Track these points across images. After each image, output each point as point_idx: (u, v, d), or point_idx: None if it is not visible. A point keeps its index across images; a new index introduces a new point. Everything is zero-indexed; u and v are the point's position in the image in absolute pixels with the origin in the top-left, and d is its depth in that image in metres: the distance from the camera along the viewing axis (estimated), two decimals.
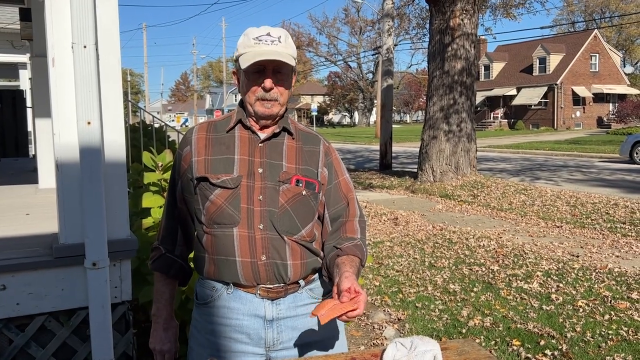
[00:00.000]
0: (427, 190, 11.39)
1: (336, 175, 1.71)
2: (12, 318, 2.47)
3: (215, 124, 1.68)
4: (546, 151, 22.14)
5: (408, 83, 62.69)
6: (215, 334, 1.63)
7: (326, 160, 1.69)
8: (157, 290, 1.75)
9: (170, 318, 1.75)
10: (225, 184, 1.58)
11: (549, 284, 5.11)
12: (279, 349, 1.63)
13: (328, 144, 1.74)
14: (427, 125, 12.27)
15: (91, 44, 2.37)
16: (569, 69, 40.86)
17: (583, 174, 14.46)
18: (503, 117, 45.01)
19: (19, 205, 4.19)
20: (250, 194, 1.58)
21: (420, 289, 5.09)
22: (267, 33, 1.57)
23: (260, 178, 1.59)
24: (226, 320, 1.62)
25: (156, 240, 1.77)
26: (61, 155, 2.50)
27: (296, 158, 1.64)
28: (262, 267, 1.57)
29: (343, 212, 1.71)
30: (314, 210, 1.65)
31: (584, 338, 3.84)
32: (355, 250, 1.64)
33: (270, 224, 1.57)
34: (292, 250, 1.59)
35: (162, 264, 1.73)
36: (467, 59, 11.84)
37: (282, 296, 1.61)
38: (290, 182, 1.60)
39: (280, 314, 1.62)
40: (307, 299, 1.65)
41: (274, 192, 1.59)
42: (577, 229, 7.64)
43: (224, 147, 1.62)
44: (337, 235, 1.69)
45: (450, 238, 7.13)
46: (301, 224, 1.61)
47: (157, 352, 1.73)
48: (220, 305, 1.63)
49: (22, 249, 2.70)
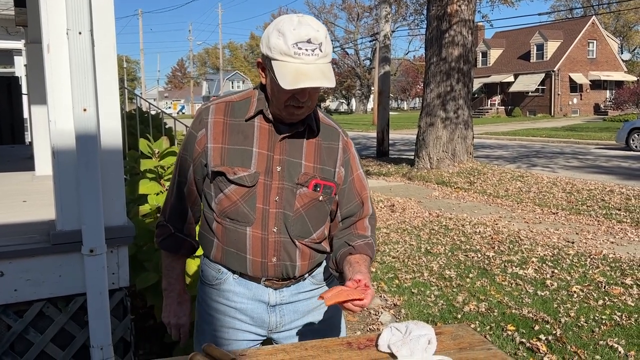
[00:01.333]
0: (424, 177, 11.41)
1: (351, 172, 1.66)
2: (10, 304, 2.48)
3: (233, 106, 1.57)
4: (543, 138, 22.16)
5: (405, 70, 62.50)
6: (219, 312, 1.67)
7: (344, 158, 1.63)
8: (167, 265, 1.72)
9: (183, 292, 1.74)
10: (242, 182, 1.53)
11: (544, 270, 5.15)
12: (281, 330, 1.68)
13: (347, 138, 1.67)
14: (424, 112, 12.26)
15: (86, 30, 2.36)
16: (566, 56, 40.78)
17: (579, 161, 14.50)
18: (500, 104, 44.98)
19: (16, 192, 4.19)
20: (267, 194, 1.54)
21: (416, 275, 5.13)
22: (308, 39, 1.38)
23: (278, 177, 1.54)
24: (231, 302, 1.65)
25: (162, 216, 1.71)
26: (57, 142, 2.50)
27: (314, 156, 1.58)
28: (271, 267, 1.59)
29: (356, 211, 1.68)
30: (328, 214, 1.64)
31: (577, 323, 3.88)
32: (367, 249, 1.63)
33: (284, 228, 1.56)
34: (302, 253, 1.60)
35: (171, 243, 1.69)
36: (464, 46, 11.80)
37: (285, 286, 1.65)
38: (309, 187, 1.56)
39: (284, 300, 1.65)
40: (309, 285, 1.68)
41: (290, 195, 1.55)
42: (573, 215, 7.69)
43: (241, 136, 1.54)
44: (348, 231, 1.68)
45: (446, 225, 7.16)
46: (313, 228, 1.60)
47: (173, 326, 1.73)
48: (225, 288, 1.65)
49: (20, 235, 2.70)
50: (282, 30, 1.39)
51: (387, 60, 17.41)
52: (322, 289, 1.70)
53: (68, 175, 2.49)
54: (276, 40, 1.40)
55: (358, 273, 1.52)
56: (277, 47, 1.39)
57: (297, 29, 1.38)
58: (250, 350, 1.52)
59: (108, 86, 2.58)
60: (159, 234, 1.70)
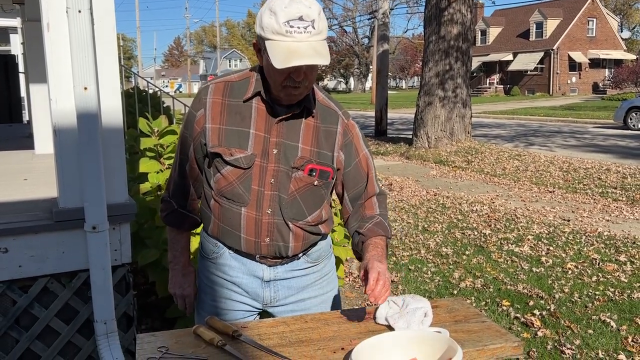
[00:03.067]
0: (422, 156, 11.44)
1: (356, 153, 1.65)
2: (15, 280, 2.53)
3: (232, 86, 1.58)
4: (541, 117, 22.15)
5: (404, 48, 62.05)
6: (217, 284, 1.72)
7: (344, 141, 1.62)
8: (172, 239, 1.76)
9: (187, 264, 1.78)
10: (238, 163, 1.54)
11: (540, 247, 5.22)
12: (275, 305, 1.72)
13: (347, 120, 1.64)
14: (423, 91, 12.23)
15: (86, 8, 2.36)
16: (565, 34, 40.50)
17: (577, 140, 14.53)
18: (499, 82, 44.78)
19: (17, 171, 4.21)
20: (263, 176, 1.55)
21: (414, 252, 5.19)
22: (300, 17, 1.36)
23: (274, 160, 1.55)
24: (227, 276, 1.70)
25: (166, 192, 1.75)
26: (58, 121, 2.52)
27: (312, 139, 1.57)
28: (264, 246, 1.62)
29: (363, 192, 1.68)
30: (324, 198, 1.66)
31: (571, 298, 3.96)
32: (376, 229, 1.63)
33: (278, 210, 1.58)
34: (295, 235, 1.63)
35: (175, 219, 1.73)
36: (463, 24, 11.73)
37: (279, 264, 1.68)
38: (304, 171, 1.56)
39: (278, 276, 1.69)
40: (303, 264, 1.71)
41: (285, 178, 1.56)
42: (569, 194, 7.74)
43: (239, 117, 1.55)
44: (357, 216, 1.69)
45: (443, 203, 7.22)
46: (308, 211, 1.62)
47: (178, 297, 1.79)
48: (222, 262, 1.70)
49: (22, 213, 2.74)
50: (273, 8, 1.38)
51: (386, 38, 17.29)
52: (317, 267, 1.74)
53: (70, 154, 2.52)
54: (268, 19, 1.39)
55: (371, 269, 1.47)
56: (270, 26, 1.38)
57: (289, 6, 1.37)
58: (252, 322, 1.57)
59: (108, 65, 2.59)
60: (163, 209, 1.75)
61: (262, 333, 1.48)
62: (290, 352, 1.37)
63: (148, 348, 1.40)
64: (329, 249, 1.80)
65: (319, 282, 1.75)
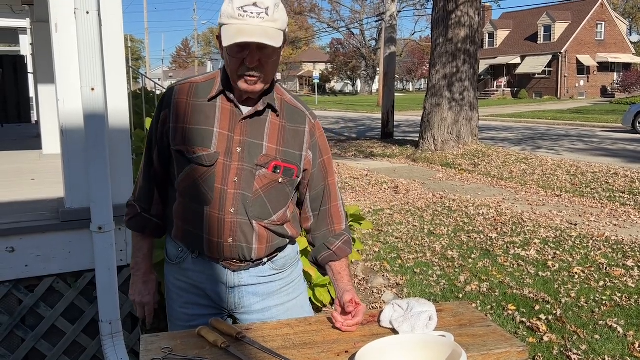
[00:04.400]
0: (429, 159, 11.42)
1: (320, 155, 1.66)
2: (21, 279, 2.54)
3: (197, 87, 1.58)
4: (548, 120, 22.05)
5: (411, 51, 61.98)
6: (182, 290, 1.71)
7: (311, 142, 1.63)
8: (135, 245, 1.75)
9: (149, 271, 1.76)
10: (201, 161, 1.53)
11: (546, 251, 5.19)
12: (241, 312, 1.70)
13: (314, 121, 1.65)
14: (430, 93, 12.21)
15: (94, 9, 2.38)
16: (574, 37, 40.33)
17: (585, 144, 14.46)
18: (506, 85, 44.65)
19: (24, 171, 4.24)
20: (226, 175, 1.54)
21: (419, 255, 5.18)
22: (254, 3, 1.42)
23: (238, 158, 1.54)
24: (191, 280, 1.68)
25: (132, 196, 1.74)
26: (66, 121, 2.53)
27: (278, 138, 1.57)
28: (227, 248, 1.59)
29: (323, 196, 1.69)
30: (289, 196, 1.64)
31: (578, 303, 3.93)
32: (346, 249, 1.70)
33: (242, 209, 1.56)
34: (259, 235, 1.60)
35: (137, 223, 1.71)
36: (471, 27, 11.71)
37: (243, 269, 1.65)
38: (268, 168, 1.55)
39: (242, 282, 1.66)
40: (268, 270, 1.68)
41: (249, 176, 1.55)
42: (577, 197, 7.70)
43: (203, 116, 1.55)
44: (324, 225, 1.70)
45: (449, 206, 7.20)
46: (273, 209, 1.60)
47: (137, 304, 1.77)
48: (186, 267, 1.68)
49: (29, 212, 2.76)
50: None
51: (393, 40, 17.28)
52: (282, 274, 1.71)
53: (76, 154, 2.53)
54: (226, 6, 1.45)
55: (345, 292, 1.60)
56: (226, 12, 1.44)
57: None
58: (255, 324, 1.57)
59: (115, 66, 2.61)
60: (127, 213, 1.74)
61: (265, 335, 1.48)
62: (294, 355, 1.37)
63: (152, 349, 1.40)
64: (296, 256, 1.78)
65: (285, 290, 1.72)
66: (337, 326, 1.51)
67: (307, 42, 68.10)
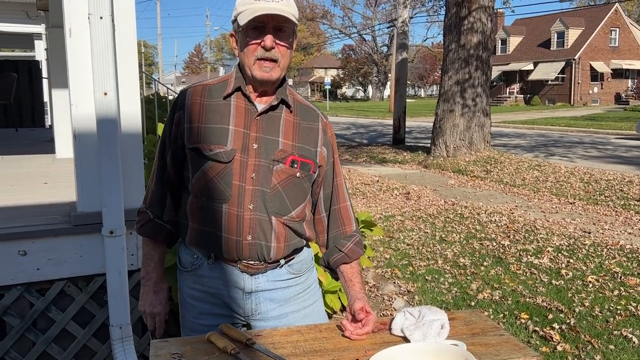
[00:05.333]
0: (440, 165, 11.36)
1: (332, 154, 1.69)
2: (32, 282, 2.55)
3: (210, 88, 1.60)
4: (562, 127, 21.89)
5: (423, 57, 61.89)
6: (196, 299, 1.68)
7: (325, 139, 1.65)
8: (146, 253, 1.71)
9: (160, 281, 1.72)
10: (218, 157, 1.53)
11: (560, 259, 5.13)
12: (257, 319, 1.68)
13: (326, 120, 1.68)
14: (442, 99, 12.17)
15: (107, 14, 2.39)
16: (587, 44, 40.06)
17: (598, 151, 14.32)
18: (519, 92, 44.41)
19: (37, 175, 4.27)
20: (243, 171, 1.54)
21: (431, 262, 5.14)
22: None
23: (254, 154, 1.54)
24: (206, 288, 1.66)
25: (143, 203, 1.72)
26: (79, 125, 2.54)
27: (293, 134, 1.59)
28: (246, 246, 1.57)
29: (333, 196, 1.71)
30: (307, 192, 1.64)
31: (592, 313, 3.88)
32: (357, 250, 1.71)
33: (262, 204, 1.56)
34: (278, 233, 1.59)
35: (150, 229, 1.68)
36: (483, 33, 11.67)
37: (261, 272, 1.63)
38: (285, 163, 1.56)
39: (259, 287, 1.64)
40: (285, 274, 1.67)
41: (267, 171, 1.55)
42: (590, 205, 7.62)
43: (218, 115, 1.56)
44: (335, 227, 1.71)
45: (461, 213, 7.15)
46: (292, 205, 1.60)
47: (148, 315, 1.72)
48: (201, 274, 1.65)
49: (42, 216, 2.77)
50: None
51: (405, 46, 17.27)
52: (299, 279, 1.71)
53: (89, 158, 2.54)
54: None
55: (356, 300, 1.59)
56: (240, 2, 1.50)
57: None
58: (265, 331, 1.56)
59: (128, 71, 2.62)
60: (138, 220, 1.71)
61: (275, 342, 1.46)
62: None
63: (162, 354, 1.39)
64: (311, 261, 1.77)
65: (302, 295, 1.71)
66: (346, 335, 1.50)
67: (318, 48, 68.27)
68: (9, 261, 2.49)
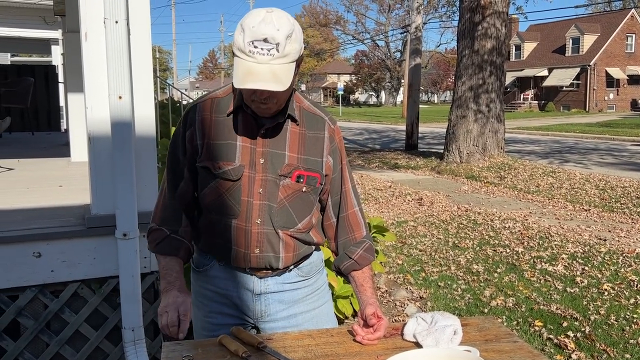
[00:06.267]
0: (453, 171, 11.31)
1: (340, 160, 1.67)
2: (47, 284, 2.57)
3: (219, 102, 1.58)
4: (577, 134, 21.68)
5: (436, 62, 61.76)
6: (207, 298, 1.70)
7: (331, 147, 1.63)
8: (165, 266, 1.60)
9: (183, 289, 1.61)
10: (227, 176, 1.54)
11: (574, 266, 5.07)
12: (266, 320, 1.69)
13: (333, 126, 1.65)
14: (455, 105, 12.13)
15: (122, 19, 2.41)
16: (603, 50, 39.71)
17: (614, 158, 14.15)
18: (533, 98, 44.11)
19: (53, 178, 4.32)
20: (251, 187, 1.55)
21: (443, 268, 5.11)
22: (264, 38, 1.36)
23: (261, 169, 1.55)
24: (217, 288, 1.68)
25: (152, 221, 1.64)
26: (93, 129, 2.57)
27: (299, 146, 1.58)
28: (254, 258, 1.60)
29: (341, 203, 1.70)
30: (314, 204, 1.65)
31: (607, 321, 3.82)
32: (368, 257, 1.69)
33: (268, 219, 1.57)
34: (286, 244, 1.61)
35: (168, 246, 1.60)
36: (497, 38, 11.61)
37: (270, 276, 1.65)
38: (292, 178, 1.56)
39: (268, 289, 1.66)
40: (294, 277, 1.69)
41: (274, 186, 1.56)
42: (606, 212, 7.52)
43: (226, 130, 1.55)
44: (344, 234, 1.70)
45: (475, 219, 7.10)
46: (298, 218, 1.61)
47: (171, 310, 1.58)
48: (212, 274, 1.68)
49: (56, 218, 2.79)
50: (244, 26, 1.39)
51: (418, 52, 17.24)
52: (308, 281, 1.72)
53: (103, 161, 2.56)
54: (237, 35, 1.40)
55: (368, 305, 1.58)
56: (237, 43, 1.40)
57: (257, 26, 1.37)
58: (277, 334, 1.55)
59: (143, 75, 2.64)
60: (152, 239, 1.62)
61: (287, 345, 1.46)
62: None
63: (173, 356, 1.39)
64: (321, 264, 1.78)
65: (310, 297, 1.72)
66: (358, 340, 1.49)
67: (331, 54, 68.41)
68: (24, 262, 2.51)
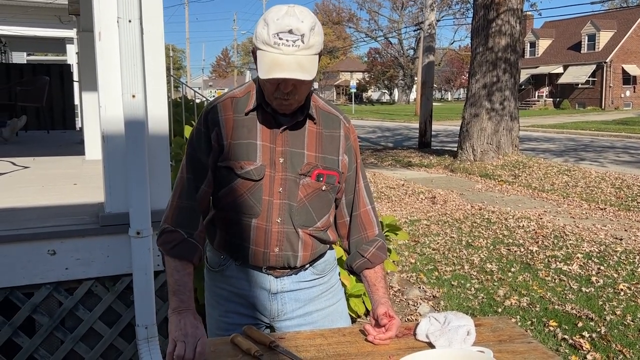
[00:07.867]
0: (467, 169, 11.24)
1: (355, 159, 1.68)
2: (61, 282, 2.60)
3: (238, 102, 1.58)
4: (592, 131, 21.43)
5: (450, 60, 61.40)
6: (223, 297, 1.70)
7: (347, 145, 1.64)
8: (177, 280, 1.50)
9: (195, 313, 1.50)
10: (249, 176, 1.54)
11: (590, 266, 5.02)
12: (283, 319, 1.69)
13: (348, 125, 1.66)
14: (469, 103, 12.05)
15: (136, 18, 2.42)
16: (619, 47, 39.20)
17: (631, 156, 13.97)
18: (548, 95, 43.70)
19: (67, 176, 4.35)
20: (272, 186, 1.56)
21: (457, 267, 5.08)
22: (289, 30, 1.38)
23: (281, 168, 1.56)
24: (233, 288, 1.68)
25: (165, 223, 1.57)
26: (107, 127, 2.58)
27: (316, 145, 1.59)
28: (273, 257, 1.61)
29: (355, 198, 1.70)
30: (332, 202, 1.66)
31: (623, 321, 3.77)
32: (380, 255, 1.69)
33: (288, 218, 1.58)
34: (305, 243, 1.62)
35: (185, 250, 1.53)
36: (511, 35, 11.51)
37: (286, 275, 1.66)
38: (312, 177, 1.57)
39: (284, 288, 1.67)
40: (310, 275, 1.70)
41: (294, 185, 1.57)
42: (622, 211, 7.43)
43: (245, 130, 1.55)
44: (356, 232, 1.70)
45: (489, 218, 7.05)
46: (317, 216, 1.62)
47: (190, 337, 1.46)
48: (228, 274, 1.68)
49: (71, 216, 2.82)
50: (267, 20, 1.41)
51: (432, 49, 17.16)
52: (323, 279, 1.73)
53: (117, 160, 2.58)
54: (261, 29, 1.42)
55: (380, 305, 1.57)
56: (261, 37, 1.41)
57: (281, 19, 1.39)
58: (289, 333, 1.55)
59: (156, 74, 2.65)
60: (167, 241, 1.54)
61: (299, 345, 1.46)
62: None
63: None
64: (334, 262, 1.79)
65: (325, 295, 1.74)
66: (369, 339, 1.49)
67: (344, 52, 68.28)
68: (39, 260, 2.54)
